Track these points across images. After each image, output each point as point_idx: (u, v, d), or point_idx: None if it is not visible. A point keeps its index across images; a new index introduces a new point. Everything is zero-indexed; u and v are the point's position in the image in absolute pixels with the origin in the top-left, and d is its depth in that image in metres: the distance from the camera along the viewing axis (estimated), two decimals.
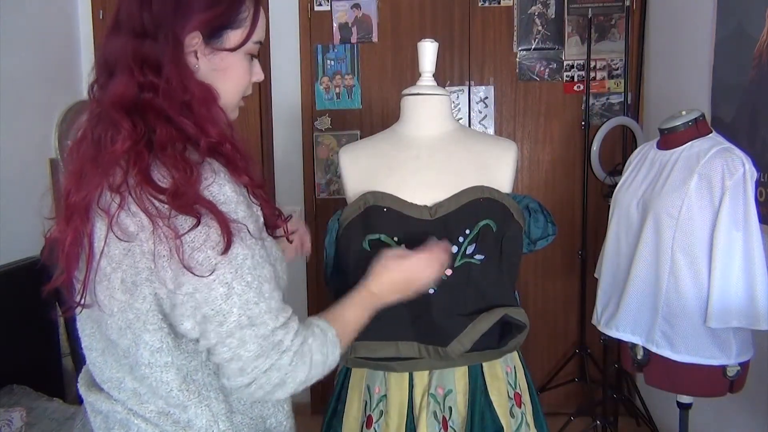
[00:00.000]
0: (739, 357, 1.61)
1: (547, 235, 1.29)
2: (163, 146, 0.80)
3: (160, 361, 0.84)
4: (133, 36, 0.83)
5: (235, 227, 0.80)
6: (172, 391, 0.86)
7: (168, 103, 0.82)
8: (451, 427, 1.22)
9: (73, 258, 0.85)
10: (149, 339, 0.83)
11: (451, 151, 1.32)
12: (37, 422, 2.07)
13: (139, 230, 0.79)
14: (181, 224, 0.77)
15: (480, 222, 1.21)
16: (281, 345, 0.83)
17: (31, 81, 2.66)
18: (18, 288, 2.41)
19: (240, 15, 0.89)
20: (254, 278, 0.82)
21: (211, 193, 0.80)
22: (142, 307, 0.82)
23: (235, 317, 0.80)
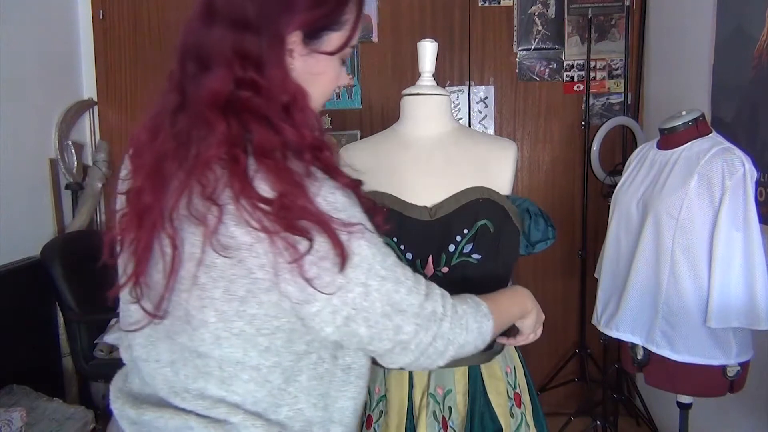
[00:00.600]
0: (739, 357, 1.61)
1: (546, 239, 1.29)
2: (263, 152, 0.74)
3: (269, 361, 0.79)
4: (232, 27, 0.76)
5: (357, 229, 0.76)
6: (273, 390, 0.81)
7: (268, 103, 0.76)
8: (451, 427, 1.22)
9: (144, 263, 0.78)
10: (261, 341, 0.78)
11: (451, 151, 1.32)
12: (37, 422, 2.07)
13: (255, 241, 0.72)
14: (298, 241, 0.72)
15: (478, 222, 1.22)
16: (435, 314, 0.83)
17: (31, 81, 2.66)
18: (18, 288, 2.41)
19: (343, 17, 0.84)
20: (387, 270, 0.79)
21: (326, 202, 0.75)
22: (258, 313, 0.76)
23: (379, 309, 0.78)
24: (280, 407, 0.82)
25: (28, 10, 2.63)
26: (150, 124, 0.82)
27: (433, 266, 1.23)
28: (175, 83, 0.80)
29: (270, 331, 0.77)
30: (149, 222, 0.76)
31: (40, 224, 2.70)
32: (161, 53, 3.00)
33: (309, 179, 0.75)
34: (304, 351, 0.81)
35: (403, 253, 1.23)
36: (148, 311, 0.78)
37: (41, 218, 2.71)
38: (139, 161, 0.81)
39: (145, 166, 0.79)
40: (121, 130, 3.05)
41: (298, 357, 0.81)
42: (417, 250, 1.23)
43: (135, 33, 3.00)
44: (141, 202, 0.77)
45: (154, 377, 0.84)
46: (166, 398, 0.83)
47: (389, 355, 0.83)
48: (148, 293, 0.79)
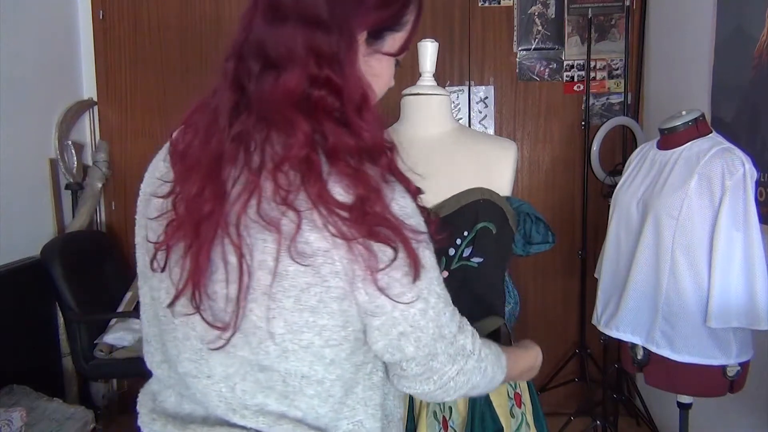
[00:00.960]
0: (739, 357, 1.61)
1: (546, 242, 1.29)
2: (337, 154, 0.70)
3: (333, 374, 0.76)
4: (304, 25, 0.71)
5: (424, 238, 0.74)
6: (335, 404, 0.78)
7: (343, 103, 0.72)
8: (451, 427, 1.22)
9: (203, 273, 0.72)
10: (328, 353, 0.74)
11: (451, 152, 1.31)
12: (37, 422, 2.07)
13: (331, 247, 0.69)
14: (377, 249, 0.70)
15: (478, 224, 1.21)
16: (465, 349, 0.81)
17: (31, 81, 2.66)
18: (18, 288, 2.41)
19: (405, 17, 0.81)
20: (441, 288, 0.78)
21: (399, 207, 0.73)
22: (328, 323, 0.73)
23: (430, 331, 0.76)
24: (340, 421, 0.79)
25: (27, 10, 2.63)
26: (197, 124, 0.77)
27: None
28: (230, 81, 0.75)
29: (337, 342, 0.74)
30: (209, 229, 0.71)
31: (40, 224, 2.70)
32: (161, 53, 3.00)
33: (384, 184, 0.72)
34: (362, 362, 0.80)
35: None
36: (211, 323, 0.73)
37: (41, 218, 2.72)
38: (188, 164, 0.75)
39: (198, 169, 0.73)
40: (121, 130, 3.05)
41: (357, 368, 0.79)
42: None
43: (135, 33, 3.00)
44: (199, 208, 0.71)
45: (207, 394, 0.78)
46: (223, 416, 0.78)
47: (414, 380, 0.80)
48: (209, 305, 0.73)
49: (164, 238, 0.75)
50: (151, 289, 0.82)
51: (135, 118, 3.03)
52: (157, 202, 0.79)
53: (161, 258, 0.76)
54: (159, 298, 0.80)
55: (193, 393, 0.80)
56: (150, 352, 0.87)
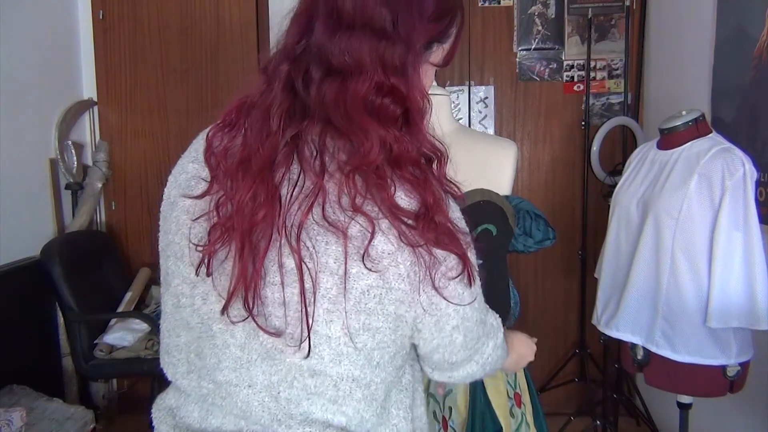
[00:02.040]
0: (739, 357, 1.61)
1: (547, 238, 1.29)
2: (402, 162, 0.71)
3: (379, 377, 0.76)
4: (370, 34, 0.72)
5: (471, 242, 0.77)
6: (377, 409, 0.77)
7: (406, 112, 0.73)
8: (451, 427, 1.22)
9: (260, 277, 0.71)
10: (377, 355, 0.74)
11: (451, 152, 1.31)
12: (37, 422, 2.07)
13: (396, 250, 0.70)
14: (441, 256, 0.72)
15: (479, 226, 1.21)
16: (494, 326, 0.89)
17: (31, 81, 2.66)
18: (18, 288, 2.41)
19: (451, 29, 0.83)
20: (478, 275, 0.80)
21: (453, 213, 0.76)
22: (382, 326, 0.72)
23: (475, 319, 0.81)
24: (381, 426, 0.79)
25: (28, 10, 2.63)
26: (241, 124, 0.76)
27: None
28: (283, 84, 0.74)
29: (387, 344, 0.74)
30: (265, 234, 0.70)
31: (40, 224, 2.70)
32: (161, 53, 3.00)
33: (444, 191, 0.75)
34: (400, 365, 0.80)
35: None
36: (266, 329, 0.72)
37: (41, 218, 2.71)
38: (236, 165, 0.73)
39: (249, 172, 0.71)
40: (121, 130, 3.05)
41: (396, 371, 0.79)
42: None
43: (135, 33, 3.00)
44: (253, 212, 0.70)
45: (249, 403, 0.76)
46: (269, 427, 0.76)
47: (458, 366, 0.85)
48: (263, 310, 0.72)
49: (209, 242, 0.73)
50: (179, 296, 0.79)
51: (135, 118, 3.03)
52: (188, 203, 0.77)
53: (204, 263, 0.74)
54: (193, 305, 0.77)
55: (233, 403, 0.77)
56: (172, 363, 0.83)
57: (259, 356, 0.74)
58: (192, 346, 0.79)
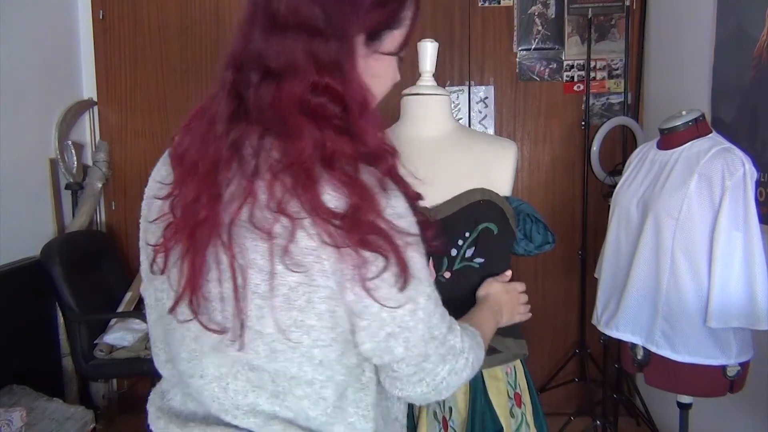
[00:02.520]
0: (739, 357, 1.61)
1: (547, 242, 1.29)
2: (333, 161, 0.71)
3: (323, 375, 0.76)
4: (302, 33, 0.73)
5: (414, 240, 0.75)
6: (327, 408, 0.78)
7: (343, 110, 0.74)
8: (451, 427, 1.22)
9: (200, 276, 0.74)
10: (317, 353, 0.75)
11: (451, 152, 1.31)
12: (37, 422, 2.07)
13: (320, 250, 0.70)
14: (367, 257, 0.71)
15: (480, 225, 1.21)
16: (455, 349, 0.82)
17: (31, 81, 2.66)
18: (18, 288, 2.41)
19: (402, 14, 0.82)
20: (431, 288, 0.78)
21: (391, 208, 0.73)
22: (317, 324, 0.73)
23: (420, 332, 0.76)
24: (334, 425, 0.79)
25: (28, 10, 2.63)
26: (195, 130, 0.79)
27: (434, 270, 1.22)
28: (228, 90, 0.76)
29: (326, 343, 0.75)
30: (204, 233, 0.73)
31: (40, 224, 2.70)
32: (161, 53, 3.00)
33: (380, 190, 0.73)
34: (354, 364, 0.79)
35: None
36: (206, 326, 0.75)
37: (41, 218, 2.71)
38: (186, 168, 0.76)
39: (195, 175, 0.75)
40: (121, 130, 3.05)
41: (349, 370, 0.79)
42: None
43: (135, 33, 3.00)
44: (195, 213, 0.73)
45: (201, 393, 0.80)
46: (217, 415, 0.79)
47: (407, 382, 0.80)
48: (205, 307, 0.75)
49: (162, 241, 0.77)
50: (156, 290, 0.84)
51: (135, 118, 3.03)
52: (158, 204, 0.81)
53: (160, 261, 0.78)
54: (162, 299, 0.82)
55: (190, 392, 0.82)
56: (156, 352, 0.89)
57: (210, 349, 0.77)
58: (165, 337, 0.85)
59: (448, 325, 0.82)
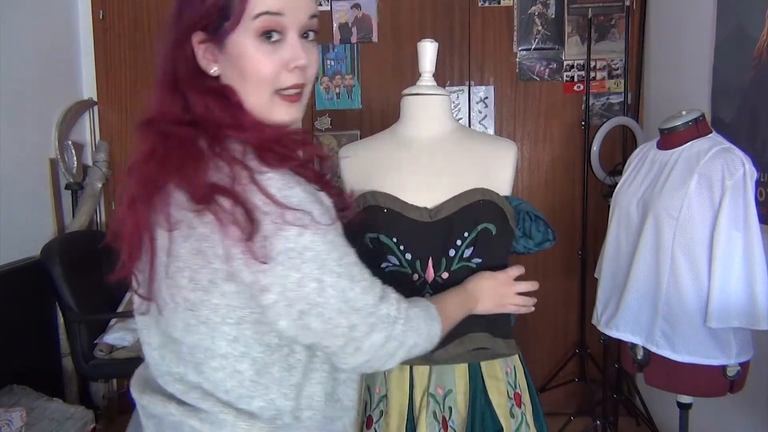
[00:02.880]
0: (739, 357, 1.61)
1: (547, 239, 1.29)
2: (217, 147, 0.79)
3: (237, 350, 0.81)
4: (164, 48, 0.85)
5: (309, 224, 0.76)
6: (243, 381, 0.82)
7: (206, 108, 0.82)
8: (451, 427, 1.22)
9: (135, 248, 0.82)
10: (228, 331, 0.80)
11: (451, 152, 1.31)
12: (37, 422, 2.07)
13: (210, 232, 0.76)
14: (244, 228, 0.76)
15: (479, 225, 1.21)
16: (389, 317, 0.86)
17: (31, 81, 2.66)
18: (18, 288, 2.41)
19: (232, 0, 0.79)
20: (342, 267, 0.80)
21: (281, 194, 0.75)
22: (221, 302, 0.78)
23: (335, 305, 0.80)
24: (253, 399, 0.83)
25: (28, 10, 2.63)
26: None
27: (433, 270, 1.22)
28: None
29: (235, 321, 0.79)
30: (137, 216, 0.81)
31: (40, 224, 2.70)
32: None
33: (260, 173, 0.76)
34: (277, 344, 0.83)
35: (402, 253, 1.23)
36: (142, 296, 0.85)
37: (41, 218, 2.71)
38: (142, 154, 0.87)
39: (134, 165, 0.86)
40: (121, 130, 3.05)
41: (271, 349, 0.82)
42: (416, 251, 1.23)
43: (135, 33, 3.00)
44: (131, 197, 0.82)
45: (151, 358, 0.89)
46: (154, 379, 0.89)
47: (342, 353, 0.85)
48: (140, 281, 0.85)
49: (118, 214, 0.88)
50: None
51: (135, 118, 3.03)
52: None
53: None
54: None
55: (146, 358, 0.92)
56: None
57: (152, 321, 0.87)
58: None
59: (379, 295, 0.86)
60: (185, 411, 0.84)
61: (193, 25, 0.81)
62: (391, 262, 1.23)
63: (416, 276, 1.23)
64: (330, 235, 0.79)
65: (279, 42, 0.81)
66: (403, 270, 1.23)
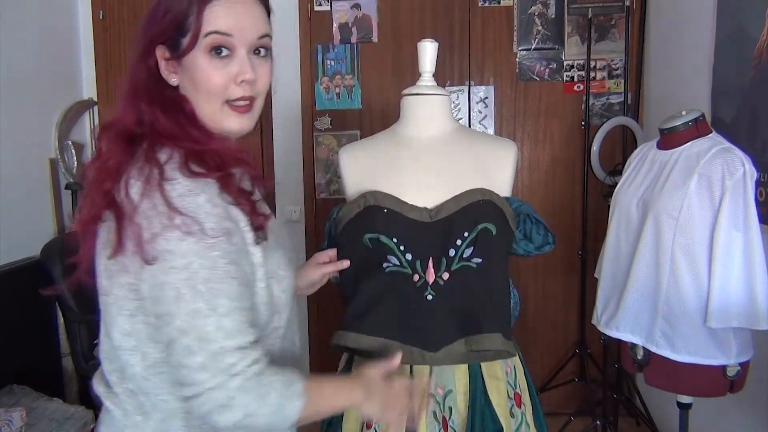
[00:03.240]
0: (739, 357, 1.61)
1: (547, 243, 1.29)
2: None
3: (128, 344, 0.87)
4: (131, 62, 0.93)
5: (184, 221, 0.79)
6: (135, 375, 0.88)
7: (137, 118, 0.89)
8: (451, 427, 1.22)
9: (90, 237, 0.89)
10: (122, 322, 0.87)
11: (451, 152, 1.32)
12: (37, 422, 2.07)
13: (104, 231, 0.87)
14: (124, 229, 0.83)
15: (479, 225, 1.21)
16: (232, 368, 0.80)
17: (31, 81, 2.66)
18: (18, 288, 2.41)
19: (188, 19, 0.86)
20: (207, 289, 0.79)
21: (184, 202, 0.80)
22: (119, 293, 0.86)
23: (179, 322, 0.79)
24: (148, 395, 0.88)
25: (28, 10, 2.63)
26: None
27: (434, 271, 1.22)
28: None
29: (129, 313, 0.86)
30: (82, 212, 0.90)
31: (40, 224, 2.70)
32: None
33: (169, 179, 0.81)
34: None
35: (402, 253, 1.23)
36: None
37: (41, 218, 2.71)
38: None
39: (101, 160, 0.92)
40: None
41: (160, 347, 0.85)
42: (417, 251, 1.23)
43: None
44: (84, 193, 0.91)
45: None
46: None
47: (178, 372, 0.82)
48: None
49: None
50: None
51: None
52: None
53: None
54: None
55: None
56: None
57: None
58: None
59: (239, 345, 0.81)
60: (107, 392, 0.93)
61: (156, 39, 0.88)
62: (392, 263, 1.23)
63: (417, 276, 1.23)
64: (214, 252, 0.80)
65: (228, 57, 0.88)
66: (403, 270, 1.23)
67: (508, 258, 1.29)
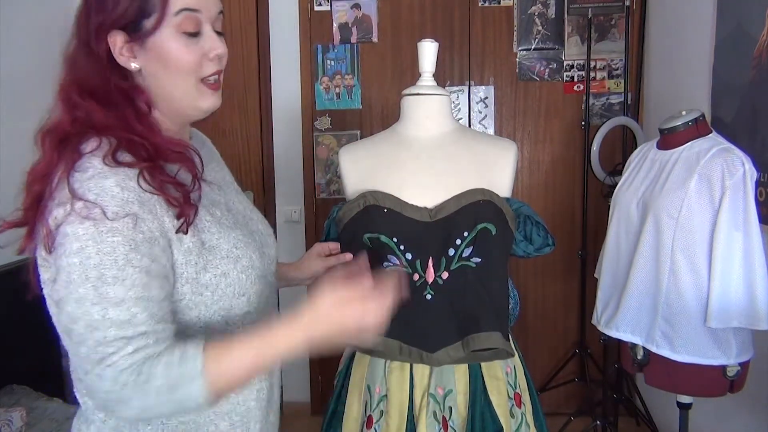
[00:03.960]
0: (739, 357, 1.61)
1: (547, 244, 1.30)
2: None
3: (65, 341, 0.85)
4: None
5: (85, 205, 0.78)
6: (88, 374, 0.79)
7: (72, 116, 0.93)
8: (451, 427, 1.22)
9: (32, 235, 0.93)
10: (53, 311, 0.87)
11: (451, 152, 1.32)
12: (37, 422, 2.07)
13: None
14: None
15: (479, 225, 1.21)
16: (109, 358, 0.76)
17: (31, 81, 2.66)
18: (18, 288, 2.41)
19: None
20: (99, 276, 0.76)
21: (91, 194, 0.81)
22: (46, 291, 0.87)
23: (69, 308, 0.78)
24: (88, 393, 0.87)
25: (28, 10, 2.63)
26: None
27: (434, 270, 1.23)
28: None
29: (54, 301, 0.84)
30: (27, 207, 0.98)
31: None
32: None
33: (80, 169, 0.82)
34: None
35: (402, 253, 1.23)
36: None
37: None
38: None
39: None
40: None
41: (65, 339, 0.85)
42: (417, 251, 1.23)
43: None
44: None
45: None
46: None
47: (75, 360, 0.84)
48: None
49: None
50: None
51: None
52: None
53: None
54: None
55: None
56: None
57: None
58: None
59: (124, 336, 0.76)
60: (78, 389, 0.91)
61: (109, 24, 0.85)
62: (392, 262, 1.23)
63: (417, 276, 1.23)
64: (114, 237, 0.77)
65: (197, 35, 0.87)
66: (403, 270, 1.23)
67: (507, 258, 1.29)
